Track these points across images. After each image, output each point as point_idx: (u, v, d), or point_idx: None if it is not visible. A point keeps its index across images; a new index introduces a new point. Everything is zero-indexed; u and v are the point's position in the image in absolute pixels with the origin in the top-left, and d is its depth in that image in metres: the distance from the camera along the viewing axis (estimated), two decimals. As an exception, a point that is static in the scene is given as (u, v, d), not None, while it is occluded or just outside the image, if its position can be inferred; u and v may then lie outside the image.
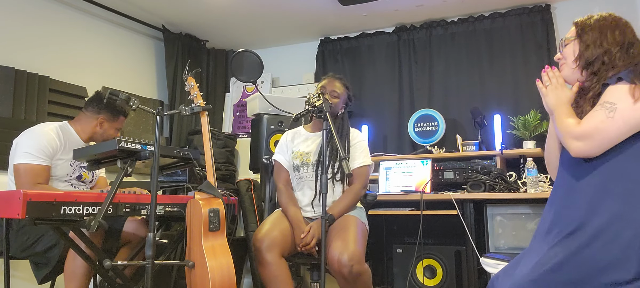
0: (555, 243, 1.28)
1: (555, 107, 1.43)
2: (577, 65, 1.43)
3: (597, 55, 1.38)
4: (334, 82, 2.44)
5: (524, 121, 3.40)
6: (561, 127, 1.36)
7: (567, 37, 1.48)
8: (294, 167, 2.41)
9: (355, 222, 2.21)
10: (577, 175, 1.34)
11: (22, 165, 2.20)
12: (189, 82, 2.31)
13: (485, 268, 2.55)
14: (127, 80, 4.03)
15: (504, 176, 3.05)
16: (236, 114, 4.67)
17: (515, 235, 3.04)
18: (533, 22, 3.73)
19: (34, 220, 1.74)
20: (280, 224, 2.22)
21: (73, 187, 2.40)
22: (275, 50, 4.77)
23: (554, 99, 1.45)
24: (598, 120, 1.26)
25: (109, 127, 2.49)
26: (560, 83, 1.46)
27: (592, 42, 1.40)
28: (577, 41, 1.44)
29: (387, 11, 3.92)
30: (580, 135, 1.29)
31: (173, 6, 3.89)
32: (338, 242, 2.04)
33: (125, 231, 2.40)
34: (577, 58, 1.43)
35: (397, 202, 3.27)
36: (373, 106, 4.19)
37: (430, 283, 3.13)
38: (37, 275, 2.24)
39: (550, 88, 1.47)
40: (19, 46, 3.27)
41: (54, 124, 2.40)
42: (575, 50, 1.44)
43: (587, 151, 1.28)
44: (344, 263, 1.96)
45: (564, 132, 1.34)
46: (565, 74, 1.48)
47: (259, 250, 2.09)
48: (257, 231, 2.18)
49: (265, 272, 2.09)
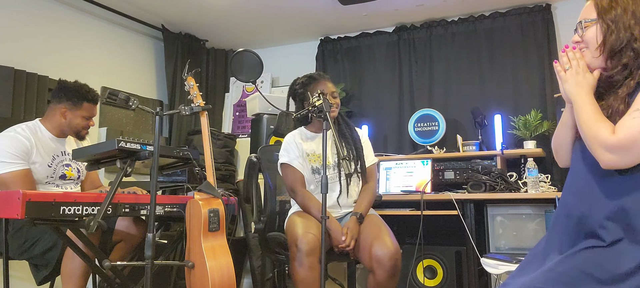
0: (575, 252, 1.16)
1: (576, 97, 1.22)
2: (601, 53, 1.21)
3: (626, 40, 1.17)
4: (326, 82, 2.43)
5: (525, 121, 3.39)
6: (590, 133, 1.16)
7: (588, 18, 1.25)
8: (312, 170, 2.38)
9: (381, 219, 2.29)
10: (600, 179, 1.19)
11: (3, 175, 2.13)
12: (189, 81, 2.30)
13: (486, 269, 2.54)
14: (126, 80, 4.02)
15: (504, 176, 3.04)
16: (236, 113, 4.66)
17: (516, 236, 3.03)
18: (533, 22, 3.73)
19: (33, 220, 1.73)
20: (314, 227, 2.16)
21: (59, 188, 2.34)
22: (275, 50, 4.76)
23: (575, 86, 1.23)
24: (636, 130, 1.08)
25: (73, 116, 2.36)
26: (582, 67, 1.24)
27: (621, 25, 1.17)
28: (599, 23, 1.22)
29: (387, 11, 3.92)
30: (614, 147, 1.10)
31: (173, 6, 3.88)
32: (377, 239, 2.10)
33: (118, 229, 2.37)
34: (601, 44, 1.21)
35: (397, 202, 3.26)
36: (373, 106, 4.18)
37: (431, 283, 3.12)
38: (36, 276, 2.23)
39: (571, 73, 1.25)
40: (18, 46, 3.26)
41: (22, 125, 2.30)
42: (599, 35, 1.21)
43: (621, 165, 1.11)
44: (390, 257, 2.05)
45: (594, 140, 1.14)
46: (587, 60, 1.26)
47: (302, 252, 2.05)
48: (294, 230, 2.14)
49: (303, 274, 2.06)
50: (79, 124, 2.39)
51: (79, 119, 2.38)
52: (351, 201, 2.37)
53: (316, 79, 2.45)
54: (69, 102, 2.36)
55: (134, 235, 2.39)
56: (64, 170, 2.38)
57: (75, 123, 2.38)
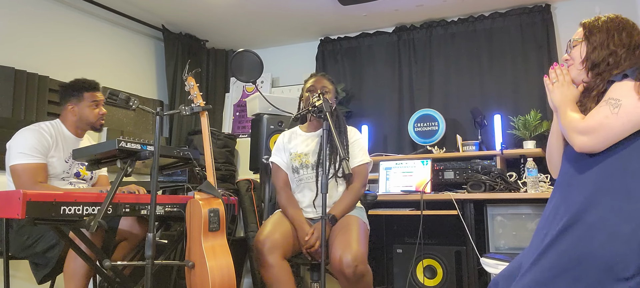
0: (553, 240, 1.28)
1: (560, 104, 1.44)
2: (584, 67, 1.44)
3: (603, 56, 1.39)
4: (322, 80, 2.43)
5: (524, 121, 3.40)
6: (566, 122, 1.37)
7: (575, 38, 1.48)
8: (292, 169, 2.40)
9: (357, 222, 2.20)
10: (579, 170, 1.35)
11: (19, 165, 2.20)
12: (189, 82, 2.30)
13: (486, 269, 2.55)
14: (127, 80, 4.02)
15: (504, 176, 3.05)
16: (236, 113, 4.67)
17: (516, 235, 3.03)
18: (533, 22, 3.73)
19: (34, 220, 1.74)
20: (281, 226, 2.21)
21: (72, 185, 2.39)
22: (275, 50, 4.76)
23: (560, 96, 1.45)
24: (603, 115, 1.28)
25: (80, 109, 2.45)
26: (567, 81, 1.47)
27: (599, 44, 1.41)
28: (584, 43, 1.45)
29: (387, 11, 3.92)
30: (584, 129, 1.30)
31: (173, 6, 3.89)
32: (341, 243, 2.03)
33: (121, 229, 2.40)
34: (584, 60, 1.44)
35: (397, 202, 3.26)
36: (373, 106, 4.18)
37: (431, 283, 3.13)
38: (37, 275, 2.23)
39: (557, 85, 1.48)
40: (18, 46, 3.27)
41: (46, 122, 2.41)
42: (583, 52, 1.45)
43: (592, 146, 1.29)
44: (348, 263, 1.96)
45: (569, 127, 1.35)
46: (573, 75, 1.48)
47: (261, 252, 2.09)
48: (259, 233, 2.18)
49: (267, 274, 2.08)
50: (89, 113, 2.47)
51: (87, 109, 2.46)
52: (331, 202, 2.28)
53: (312, 78, 2.47)
54: (72, 98, 2.45)
55: (137, 234, 2.41)
56: (79, 168, 2.44)
57: (86, 114, 2.46)
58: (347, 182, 2.34)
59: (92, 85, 2.50)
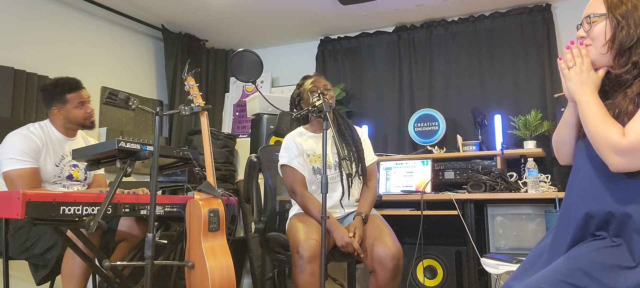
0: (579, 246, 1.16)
1: (581, 96, 1.18)
2: (609, 49, 1.17)
3: (637, 38, 1.14)
4: (321, 79, 2.44)
5: (525, 121, 3.39)
6: (599, 135, 1.12)
7: (595, 14, 1.21)
8: (314, 170, 2.36)
9: (382, 219, 2.28)
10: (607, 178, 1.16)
11: (12, 171, 2.16)
12: (189, 81, 2.30)
13: (486, 269, 2.54)
14: (126, 80, 4.02)
15: (504, 176, 3.04)
16: (236, 113, 4.66)
17: (516, 236, 3.03)
18: (534, 22, 3.73)
19: (33, 221, 1.73)
20: (315, 232, 2.13)
21: (66, 188, 2.35)
22: (275, 50, 4.76)
23: (579, 85, 1.19)
24: None
25: (67, 111, 2.37)
26: (586, 65, 1.19)
27: (633, 22, 1.14)
28: (609, 19, 1.17)
29: (387, 11, 3.91)
30: (626, 150, 1.07)
31: (172, 6, 3.88)
32: (378, 240, 2.10)
33: (120, 229, 2.38)
34: (610, 40, 1.17)
35: (397, 202, 3.26)
36: (373, 106, 4.18)
37: (431, 283, 3.12)
38: (36, 276, 2.23)
39: (575, 71, 1.20)
40: (18, 46, 3.26)
41: (35, 125, 2.34)
42: (608, 30, 1.17)
43: (631, 168, 1.08)
44: (393, 256, 2.04)
45: (603, 142, 1.11)
46: (593, 56, 1.21)
47: (303, 258, 2.03)
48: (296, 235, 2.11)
49: (304, 281, 2.04)
50: (76, 115, 2.39)
51: (73, 110, 2.38)
52: (353, 201, 2.36)
53: (309, 77, 2.48)
54: (56, 102, 2.38)
55: (136, 235, 2.40)
56: (71, 170, 2.40)
57: (73, 116, 2.39)
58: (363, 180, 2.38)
59: (73, 86, 2.39)
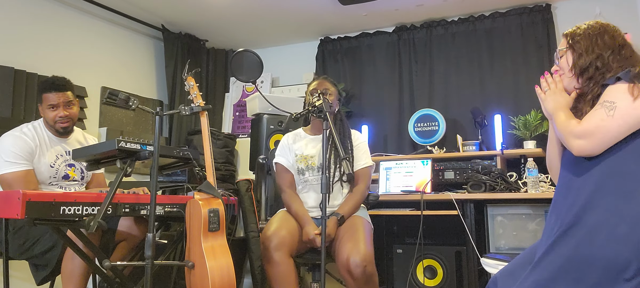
0: (554, 242, 1.29)
1: (555, 111, 1.46)
2: (573, 74, 1.47)
3: (590, 61, 1.42)
4: (324, 82, 2.44)
5: (525, 121, 3.39)
6: (562, 127, 1.39)
7: (560, 49, 1.52)
8: (298, 170, 2.41)
9: (363, 222, 2.22)
10: (577, 174, 1.37)
11: (7, 174, 2.15)
12: (189, 81, 2.30)
13: (486, 269, 2.54)
14: (126, 80, 4.02)
15: (504, 176, 3.04)
16: (236, 113, 4.66)
17: (516, 236, 3.03)
18: (534, 22, 3.73)
19: (33, 221, 1.73)
20: (287, 223, 2.22)
21: (63, 189, 2.35)
22: (275, 50, 4.76)
23: (553, 104, 1.49)
24: (598, 118, 1.29)
25: (42, 110, 2.32)
26: (559, 88, 1.50)
27: (585, 50, 1.44)
28: (570, 51, 1.49)
29: (387, 11, 3.91)
30: (581, 133, 1.31)
31: (173, 6, 3.88)
32: (349, 243, 2.04)
33: (120, 229, 2.38)
34: (572, 67, 1.47)
35: (397, 202, 3.26)
36: (373, 106, 4.18)
37: (431, 283, 3.13)
38: (36, 276, 2.23)
39: (549, 93, 1.52)
40: (18, 46, 3.26)
41: (28, 125, 2.32)
42: (569, 60, 1.48)
43: (589, 149, 1.31)
44: (357, 264, 1.97)
45: (565, 131, 1.37)
46: (565, 84, 1.51)
47: (268, 248, 2.09)
48: (266, 229, 2.19)
49: (273, 271, 2.09)
50: (47, 116, 2.32)
51: (45, 110, 2.32)
52: (336, 203, 2.33)
53: (316, 79, 2.50)
54: (38, 100, 2.34)
55: (136, 235, 2.40)
56: (67, 170, 2.38)
57: (47, 117, 2.33)
58: (350, 184, 2.35)
59: (49, 85, 2.30)
